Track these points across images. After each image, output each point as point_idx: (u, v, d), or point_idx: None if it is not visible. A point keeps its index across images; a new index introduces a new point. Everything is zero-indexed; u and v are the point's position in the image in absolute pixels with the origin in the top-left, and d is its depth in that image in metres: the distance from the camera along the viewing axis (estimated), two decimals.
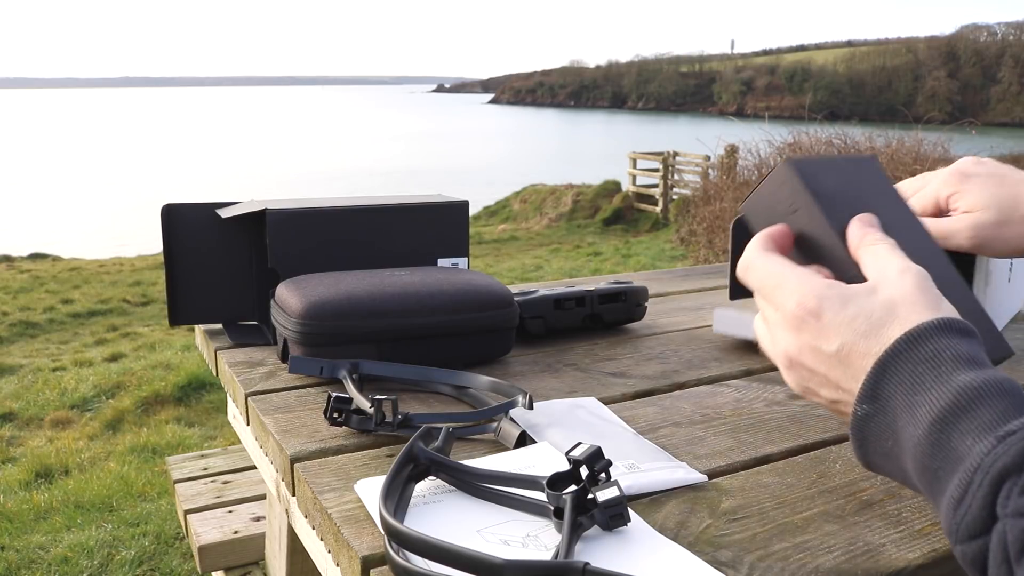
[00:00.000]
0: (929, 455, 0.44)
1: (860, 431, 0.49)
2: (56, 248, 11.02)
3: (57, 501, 2.62)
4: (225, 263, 1.03)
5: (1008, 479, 0.40)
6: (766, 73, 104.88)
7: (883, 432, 0.47)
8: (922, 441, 0.44)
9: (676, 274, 1.46)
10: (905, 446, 0.46)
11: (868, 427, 0.48)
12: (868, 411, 0.48)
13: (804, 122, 7.65)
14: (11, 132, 52.95)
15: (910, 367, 0.46)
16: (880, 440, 0.48)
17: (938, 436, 0.43)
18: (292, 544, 1.16)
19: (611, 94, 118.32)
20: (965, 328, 0.48)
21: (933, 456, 0.44)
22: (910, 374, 0.46)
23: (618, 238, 11.51)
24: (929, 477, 0.44)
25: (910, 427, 0.45)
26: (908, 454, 0.46)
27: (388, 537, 0.51)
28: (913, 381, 0.46)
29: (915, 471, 0.46)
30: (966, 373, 0.45)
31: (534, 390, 0.84)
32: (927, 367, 0.46)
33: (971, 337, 0.48)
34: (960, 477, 0.42)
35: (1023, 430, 0.41)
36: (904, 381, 0.46)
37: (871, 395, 0.47)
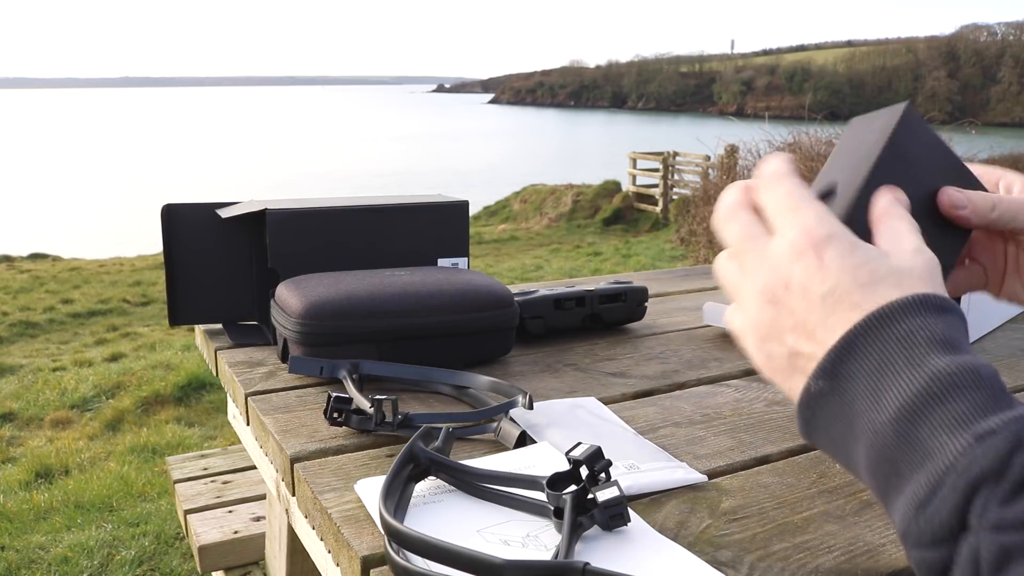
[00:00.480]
0: (892, 446, 0.40)
1: (809, 408, 0.45)
2: (56, 248, 11.02)
3: (57, 501, 2.62)
4: (225, 263, 1.03)
5: (984, 486, 0.36)
6: (766, 73, 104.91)
7: (836, 415, 0.43)
8: (885, 430, 0.40)
9: (676, 274, 1.46)
10: (860, 433, 0.42)
11: (819, 406, 0.44)
12: (823, 388, 0.43)
13: (804, 122, 7.65)
14: (11, 132, 52.96)
15: (879, 346, 0.42)
16: (830, 423, 0.44)
17: (905, 426, 0.39)
18: (292, 544, 1.16)
19: (611, 94, 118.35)
20: (945, 304, 0.43)
21: (896, 448, 0.39)
22: (879, 353, 0.42)
23: (618, 238, 11.51)
24: (886, 470, 0.40)
25: (872, 412, 0.41)
26: (863, 442, 0.41)
27: (388, 537, 0.51)
28: (881, 362, 0.41)
29: (869, 462, 0.41)
30: (941, 357, 0.40)
31: (534, 390, 0.84)
32: (898, 347, 0.41)
33: (951, 314, 0.43)
34: (927, 476, 0.38)
35: (1004, 430, 0.37)
36: (871, 361, 0.42)
37: (830, 372, 0.43)
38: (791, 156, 0.52)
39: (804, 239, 0.46)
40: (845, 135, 0.57)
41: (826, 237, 0.46)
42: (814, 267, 0.45)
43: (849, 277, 0.44)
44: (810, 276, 0.45)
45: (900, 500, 0.39)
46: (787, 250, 0.47)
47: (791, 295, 0.46)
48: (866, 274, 0.45)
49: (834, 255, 0.45)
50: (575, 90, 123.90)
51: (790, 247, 0.47)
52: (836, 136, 7.06)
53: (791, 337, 0.46)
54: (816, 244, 0.46)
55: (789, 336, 0.46)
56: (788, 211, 0.48)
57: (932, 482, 0.37)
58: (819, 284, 0.45)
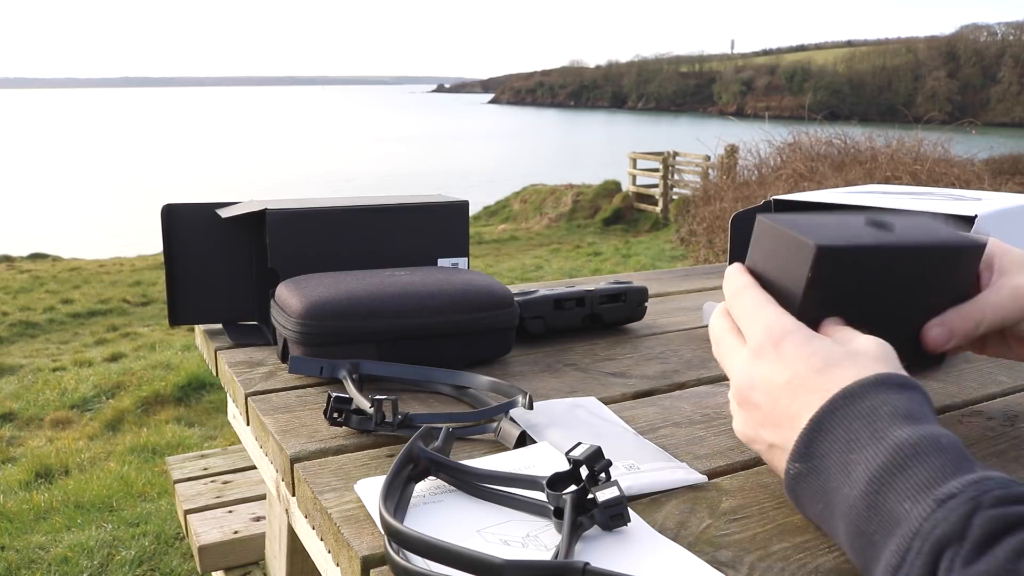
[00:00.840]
0: (864, 518, 0.41)
1: (793, 490, 0.47)
2: (56, 248, 11.02)
3: (57, 501, 2.62)
4: (225, 263, 1.03)
5: (948, 548, 0.37)
6: (766, 73, 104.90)
7: (815, 493, 0.45)
8: (857, 503, 0.41)
9: (676, 274, 1.46)
10: (837, 509, 0.43)
11: (800, 488, 0.46)
12: (801, 470, 0.45)
13: (804, 122, 7.65)
14: (11, 132, 52.95)
15: (845, 424, 0.44)
16: (812, 502, 0.45)
17: (874, 498, 0.40)
18: (292, 544, 1.16)
19: (611, 94, 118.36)
20: (905, 381, 0.45)
21: (868, 520, 0.41)
22: (845, 431, 0.43)
23: (618, 238, 11.51)
24: (863, 543, 0.41)
25: (845, 488, 0.42)
26: (841, 517, 0.43)
27: (388, 537, 0.51)
28: (848, 439, 0.43)
29: (848, 535, 0.42)
30: (902, 429, 0.42)
31: (534, 390, 0.84)
32: (862, 423, 0.43)
33: (912, 391, 0.45)
34: (898, 543, 0.39)
35: (963, 493, 0.38)
36: (839, 439, 0.43)
37: (804, 453, 0.45)
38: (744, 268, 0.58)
39: (765, 337, 0.51)
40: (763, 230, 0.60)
41: (782, 332, 0.50)
42: (773, 360, 0.49)
43: (804, 365, 0.48)
44: (772, 370, 0.49)
45: (878, 570, 0.40)
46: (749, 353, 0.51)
47: (755, 392, 0.50)
48: (820, 360, 0.48)
49: (791, 346, 0.49)
50: (575, 90, 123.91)
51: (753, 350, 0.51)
52: (836, 136, 7.06)
53: (764, 432, 0.50)
54: (775, 340, 0.50)
55: (763, 431, 0.50)
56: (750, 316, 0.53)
57: (902, 548, 0.38)
58: (779, 375, 0.49)
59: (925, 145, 6.62)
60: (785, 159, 7.07)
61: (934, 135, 6.87)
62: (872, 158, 6.47)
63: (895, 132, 6.98)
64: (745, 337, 0.53)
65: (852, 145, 6.88)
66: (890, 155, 6.46)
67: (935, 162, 6.32)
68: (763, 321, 0.51)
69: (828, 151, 6.91)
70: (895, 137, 6.85)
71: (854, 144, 6.88)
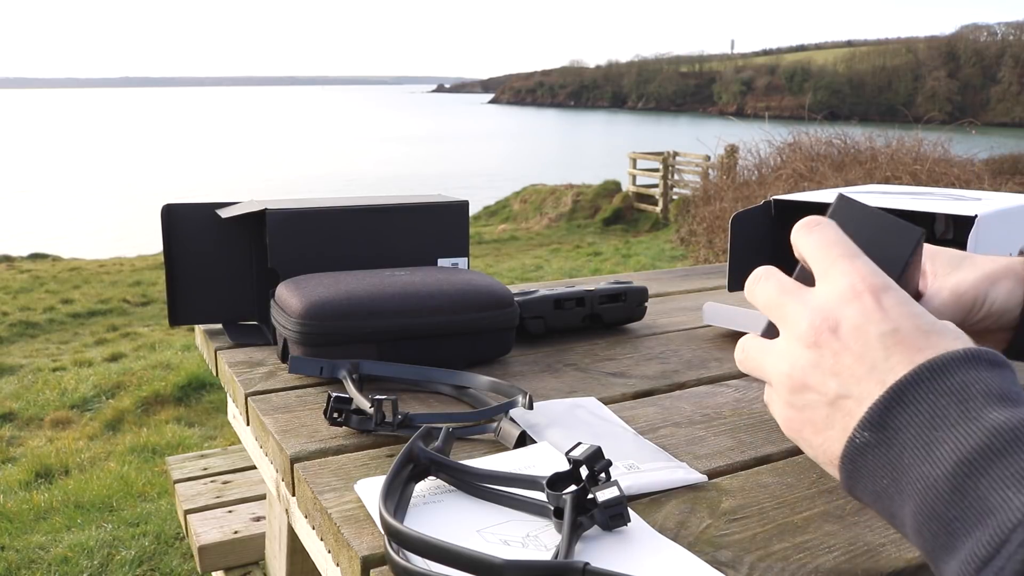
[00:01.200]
0: (946, 502, 0.38)
1: (853, 462, 0.42)
2: (56, 248, 11.02)
3: (57, 501, 2.62)
4: (225, 263, 1.03)
5: None
6: (766, 73, 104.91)
7: (882, 468, 0.41)
8: (939, 485, 0.38)
9: (676, 274, 1.46)
10: (908, 488, 0.40)
11: (864, 459, 0.42)
12: (869, 440, 0.41)
13: (804, 122, 7.65)
14: (11, 132, 52.96)
15: (931, 398, 0.40)
16: (875, 476, 0.42)
17: (962, 482, 0.37)
18: (292, 544, 1.16)
19: (611, 94, 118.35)
20: (996, 359, 0.42)
21: (951, 504, 0.37)
22: (930, 406, 0.40)
23: (618, 238, 11.50)
24: (937, 527, 0.38)
25: (924, 466, 0.39)
26: (912, 496, 0.39)
27: (388, 537, 0.51)
28: (933, 414, 0.39)
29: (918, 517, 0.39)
30: (999, 411, 0.38)
31: (534, 390, 0.84)
32: (952, 400, 0.39)
33: (1003, 368, 0.42)
34: (991, 533, 0.35)
35: None
36: (922, 413, 0.40)
37: (878, 423, 0.41)
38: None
39: (862, 283, 0.45)
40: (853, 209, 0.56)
41: (884, 285, 0.45)
42: (872, 309, 0.44)
43: (911, 323, 0.43)
44: (867, 317, 0.44)
45: (954, 560, 0.37)
46: (838, 293, 0.45)
47: (839, 337, 0.44)
48: (926, 323, 0.43)
49: (893, 301, 0.44)
50: (575, 90, 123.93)
51: (844, 290, 0.45)
52: (836, 136, 7.06)
53: (835, 381, 0.44)
54: (874, 289, 0.44)
55: (832, 380, 0.44)
56: (841, 257, 0.46)
57: (996, 539, 0.35)
58: (878, 324, 0.43)
59: (925, 145, 6.62)
60: (785, 159, 7.07)
61: (934, 135, 6.87)
62: (872, 158, 6.47)
63: (895, 132, 6.98)
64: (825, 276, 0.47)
65: (852, 145, 6.88)
66: (890, 155, 6.46)
67: (935, 162, 6.32)
68: (861, 268, 0.45)
69: (828, 151, 6.91)
70: (895, 137, 6.85)
71: (854, 144, 6.88)
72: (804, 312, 0.46)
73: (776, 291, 0.48)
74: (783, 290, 0.48)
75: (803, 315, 0.46)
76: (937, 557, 0.38)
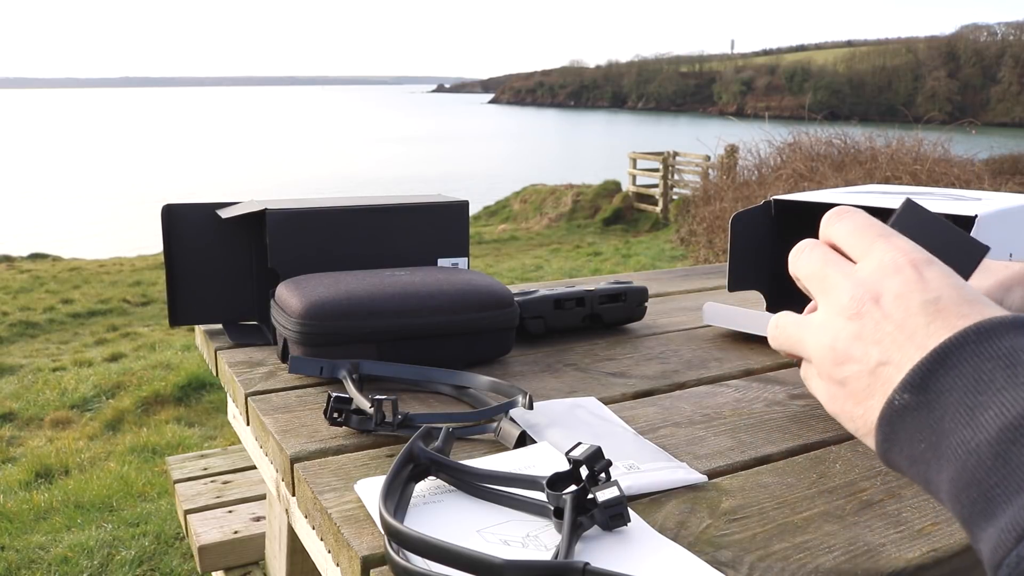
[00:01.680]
0: (987, 468, 0.36)
1: (891, 425, 0.42)
2: (56, 248, 11.02)
3: (57, 501, 2.62)
4: (225, 263, 1.03)
5: None
6: (766, 73, 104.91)
7: (921, 431, 0.40)
8: (981, 450, 0.37)
9: (676, 274, 1.46)
10: (947, 452, 0.39)
11: (903, 421, 0.41)
12: (909, 402, 0.41)
13: (804, 122, 7.65)
14: (11, 132, 52.96)
15: (977, 362, 0.39)
16: (913, 440, 0.41)
17: (1006, 448, 0.36)
18: (292, 544, 1.16)
19: (611, 94, 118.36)
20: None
21: (993, 470, 0.36)
22: (975, 370, 0.39)
23: (618, 238, 11.50)
24: (975, 494, 0.37)
25: (966, 431, 0.38)
26: (951, 461, 0.39)
27: (388, 537, 0.51)
28: (978, 379, 0.38)
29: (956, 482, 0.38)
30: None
31: (534, 390, 0.84)
32: (998, 364, 0.38)
33: None
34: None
35: None
36: (967, 376, 0.39)
37: (919, 385, 0.40)
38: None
39: (903, 257, 0.45)
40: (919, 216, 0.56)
41: (927, 260, 0.45)
42: (914, 280, 0.43)
43: (954, 292, 0.43)
44: (909, 287, 0.43)
45: (992, 527, 0.36)
46: (880, 266, 0.45)
47: (881, 306, 0.44)
48: (969, 293, 0.43)
49: (935, 274, 0.44)
50: (575, 90, 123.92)
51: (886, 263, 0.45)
52: (836, 136, 7.06)
53: (876, 349, 0.43)
54: (915, 262, 0.44)
55: (874, 349, 0.44)
56: (879, 237, 0.47)
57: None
58: (921, 293, 0.43)
59: (925, 145, 6.62)
60: (785, 159, 7.07)
61: (934, 135, 6.87)
62: (872, 158, 6.47)
63: (895, 132, 6.98)
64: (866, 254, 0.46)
65: (852, 145, 6.88)
66: (890, 155, 6.46)
67: (935, 162, 6.32)
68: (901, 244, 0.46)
69: (828, 151, 6.91)
70: (895, 137, 6.85)
71: (854, 144, 6.88)
72: (846, 284, 0.46)
73: (820, 262, 0.48)
74: (827, 261, 0.48)
75: (845, 287, 0.46)
76: (974, 524, 0.37)
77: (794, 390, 0.85)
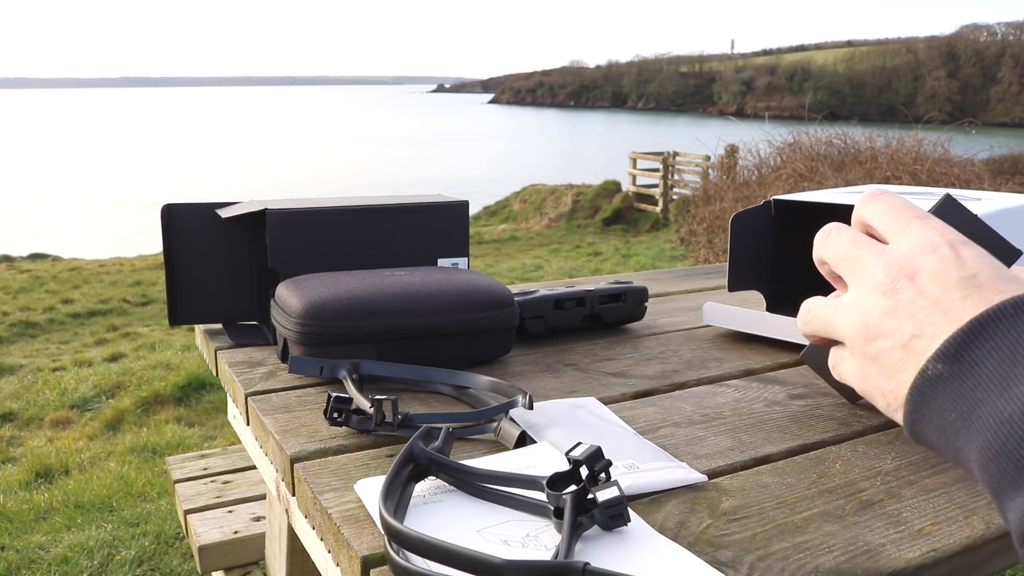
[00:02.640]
0: (1020, 438, 0.37)
1: (922, 394, 0.41)
2: (56, 248, 11.02)
3: (57, 501, 2.62)
4: (225, 263, 1.03)
5: None
6: (766, 73, 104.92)
7: (952, 400, 0.40)
8: (1013, 420, 0.37)
9: (676, 274, 1.46)
10: (978, 423, 0.39)
11: (934, 391, 0.41)
12: (942, 372, 0.41)
13: (804, 122, 7.66)
14: (11, 132, 52.96)
15: (1013, 335, 0.39)
16: (943, 409, 0.41)
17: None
18: (292, 544, 1.16)
19: (611, 94, 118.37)
20: None
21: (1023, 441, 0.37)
22: (1011, 342, 0.39)
23: (618, 238, 11.50)
24: (1006, 463, 0.37)
25: (999, 401, 0.38)
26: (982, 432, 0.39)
27: (388, 537, 0.51)
28: (1014, 351, 0.39)
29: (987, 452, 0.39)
30: None
31: (534, 390, 0.84)
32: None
33: None
34: None
35: None
36: (1002, 348, 0.39)
37: (953, 355, 0.40)
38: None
39: (939, 237, 0.45)
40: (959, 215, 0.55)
41: (962, 239, 0.45)
42: (950, 257, 0.44)
43: (991, 271, 0.43)
44: (946, 264, 0.43)
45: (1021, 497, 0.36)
46: (916, 245, 0.45)
47: (916, 283, 0.44)
48: (1007, 273, 0.43)
49: (972, 254, 0.44)
50: (575, 90, 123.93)
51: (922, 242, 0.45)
52: (836, 136, 7.06)
53: (910, 323, 0.43)
54: (951, 242, 0.44)
55: (908, 323, 0.44)
56: (915, 219, 0.46)
57: None
58: (957, 270, 0.43)
59: (925, 145, 6.62)
60: (785, 159, 7.08)
61: (934, 135, 6.87)
62: (872, 158, 6.47)
63: (895, 132, 6.98)
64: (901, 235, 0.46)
65: (852, 145, 6.88)
66: (890, 155, 6.46)
67: (935, 162, 6.32)
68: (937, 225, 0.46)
69: (828, 151, 6.91)
70: (895, 137, 6.85)
71: (854, 144, 6.88)
72: (880, 262, 0.46)
73: (850, 243, 0.48)
74: (857, 242, 0.48)
75: (879, 265, 0.46)
76: (1002, 493, 0.38)
77: (794, 390, 0.85)
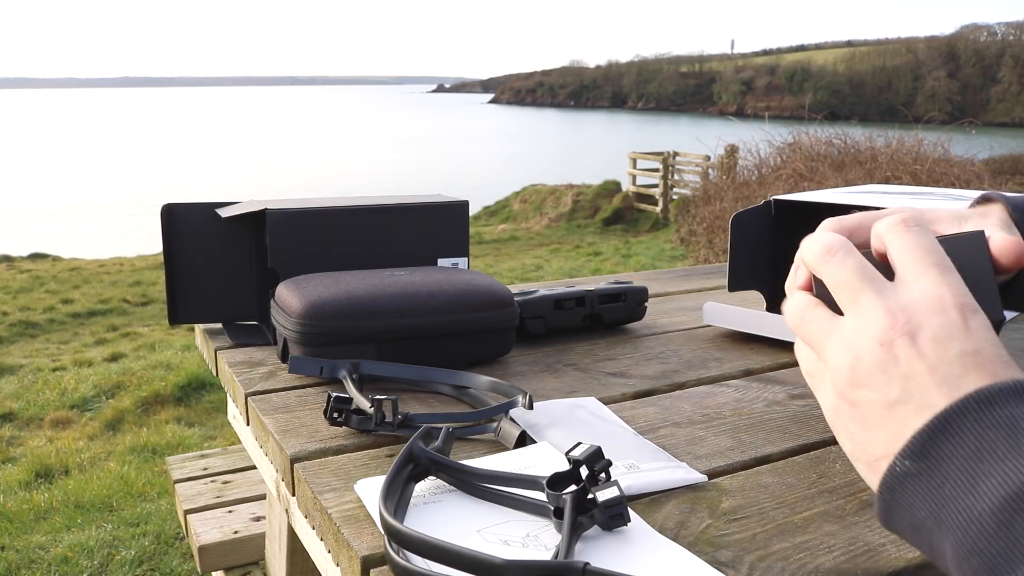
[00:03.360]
0: (989, 537, 0.36)
1: (891, 491, 0.41)
2: (56, 248, 11.02)
3: (57, 501, 2.62)
4: (225, 263, 1.03)
5: None
6: (766, 73, 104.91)
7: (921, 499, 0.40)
8: (983, 519, 0.37)
9: (676, 274, 1.46)
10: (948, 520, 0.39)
11: (903, 488, 0.41)
12: (909, 469, 0.40)
13: (804, 122, 7.66)
14: (11, 132, 52.96)
15: (979, 430, 0.38)
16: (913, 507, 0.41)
17: (1010, 517, 0.36)
18: (292, 544, 1.16)
19: (611, 94, 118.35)
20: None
21: (994, 540, 0.36)
22: (977, 438, 0.38)
23: (618, 238, 11.50)
24: (978, 563, 0.37)
25: (967, 499, 0.38)
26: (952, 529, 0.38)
27: (388, 537, 0.51)
28: (980, 447, 0.38)
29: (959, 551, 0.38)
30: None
31: (534, 390, 0.84)
32: (1000, 433, 0.38)
33: None
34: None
35: None
36: (968, 444, 0.38)
37: (920, 451, 0.40)
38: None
39: (952, 298, 0.43)
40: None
41: (974, 306, 0.44)
42: (958, 325, 0.42)
43: (994, 349, 0.42)
44: (950, 332, 0.42)
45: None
46: (925, 300, 0.43)
47: (916, 344, 0.42)
48: (1007, 355, 0.42)
49: (979, 324, 0.43)
50: (575, 90, 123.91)
51: (932, 298, 0.43)
52: (836, 136, 7.06)
53: (899, 385, 0.42)
54: (963, 307, 0.43)
55: (898, 384, 0.42)
56: (934, 267, 0.45)
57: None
58: (961, 342, 0.42)
59: (925, 145, 6.62)
60: (785, 159, 7.08)
61: (934, 135, 6.87)
62: (872, 158, 6.48)
63: (895, 132, 6.98)
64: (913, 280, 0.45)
65: (852, 145, 6.88)
66: (890, 155, 6.46)
67: (935, 162, 6.32)
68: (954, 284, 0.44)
69: (828, 151, 6.91)
70: (895, 137, 6.85)
71: (854, 144, 6.88)
72: (882, 307, 0.44)
73: (855, 273, 0.46)
74: (863, 276, 0.46)
75: (881, 310, 0.44)
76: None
77: (794, 390, 0.85)
